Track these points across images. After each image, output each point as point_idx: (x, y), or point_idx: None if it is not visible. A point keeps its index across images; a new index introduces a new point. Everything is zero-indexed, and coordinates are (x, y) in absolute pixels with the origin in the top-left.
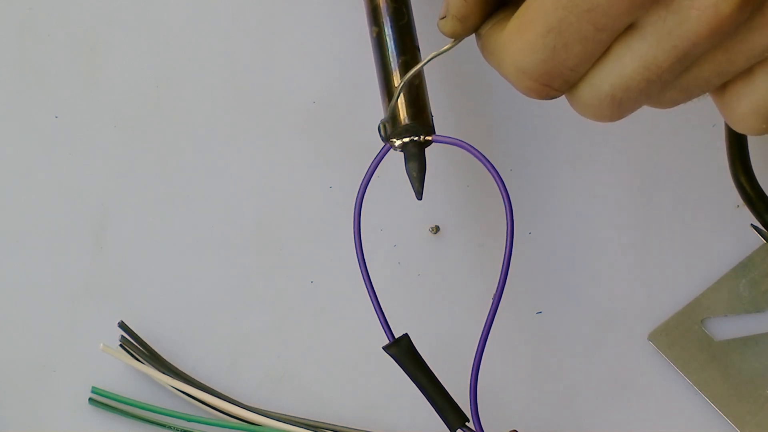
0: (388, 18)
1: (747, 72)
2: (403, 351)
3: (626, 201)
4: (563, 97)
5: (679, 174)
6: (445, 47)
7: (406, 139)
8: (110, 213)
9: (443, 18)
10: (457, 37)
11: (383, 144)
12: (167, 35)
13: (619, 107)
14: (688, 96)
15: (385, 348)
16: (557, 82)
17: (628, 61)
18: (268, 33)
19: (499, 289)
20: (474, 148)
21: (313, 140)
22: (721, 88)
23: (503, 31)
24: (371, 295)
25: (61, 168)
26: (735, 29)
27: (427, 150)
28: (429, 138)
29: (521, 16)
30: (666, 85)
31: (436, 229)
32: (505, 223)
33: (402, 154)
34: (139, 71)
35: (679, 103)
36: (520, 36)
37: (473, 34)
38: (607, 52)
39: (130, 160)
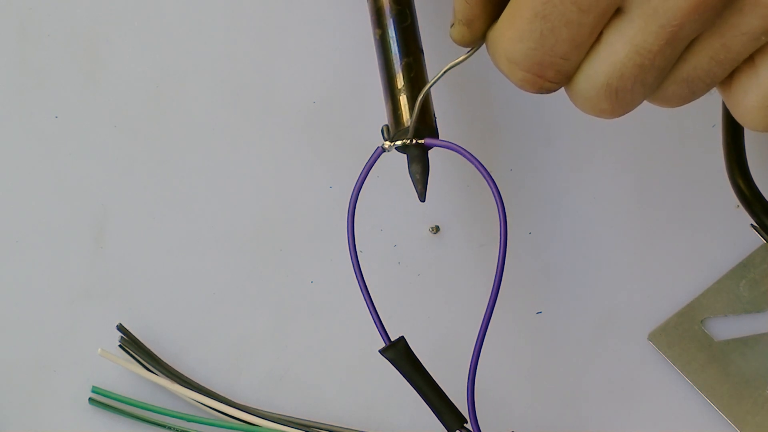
0: (391, 20)
1: (750, 64)
2: (399, 354)
3: (626, 201)
4: (565, 97)
5: (679, 174)
6: (461, 57)
7: (399, 143)
8: (110, 213)
9: (452, 26)
10: (466, 43)
11: (377, 146)
12: (167, 35)
13: (616, 98)
14: (691, 90)
15: (381, 351)
16: (550, 72)
17: (620, 47)
18: (269, 33)
19: (494, 291)
20: (466, 150)
21: (313, 140)
22: (728, 83)
23: (496, 24)
24: (367, 299)
25: (61, 168)
26: (722, 7)
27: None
28: (421, 141)
29: (510, 5)
30: (662, 73)
31: (436, 229)
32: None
33: (401, 155)
34: (139, 71)
35: (686, 100)
36: (510, 25)
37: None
38: (599, 40)
39: (130, 160)
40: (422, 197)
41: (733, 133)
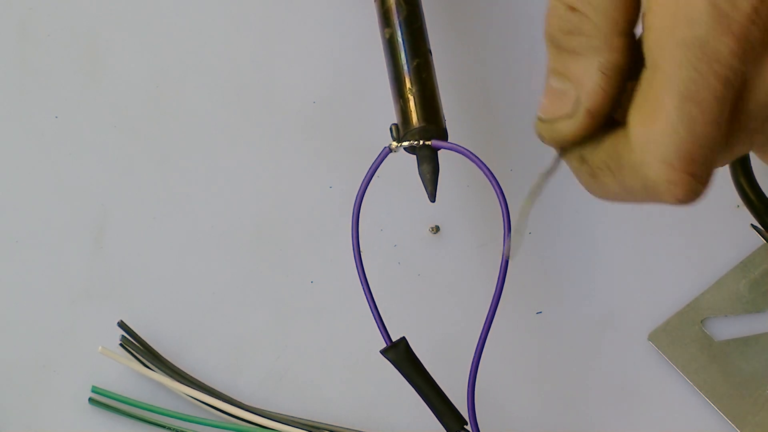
0: (401, 21)
1: None
2: (400, 355)
3: None
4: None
5: None
6: (552, 165)
7: (406, 144)
8: (110, 213)
9: (566, 117)
10: (579, 139)
11: (384, 146)
12: (167, 35)
13: None
14: None
15: (382, 352)
16: (700, 167)
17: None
18: (269, 33)
19: (497, 293)
20: (473, 154)
21: (313, 140)
22: None
23: (622, 130)
24: (369, 299)
25: (61, 168)
26: None
27: None
28: (429, 143)
29: (645, 98)
30: None
31: (436, 229)
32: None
33: (401, 155)
34: (139, 71)
35: None
36: (653, 119)
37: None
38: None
39: (130, 160)
40: (432, 197)
41: None
